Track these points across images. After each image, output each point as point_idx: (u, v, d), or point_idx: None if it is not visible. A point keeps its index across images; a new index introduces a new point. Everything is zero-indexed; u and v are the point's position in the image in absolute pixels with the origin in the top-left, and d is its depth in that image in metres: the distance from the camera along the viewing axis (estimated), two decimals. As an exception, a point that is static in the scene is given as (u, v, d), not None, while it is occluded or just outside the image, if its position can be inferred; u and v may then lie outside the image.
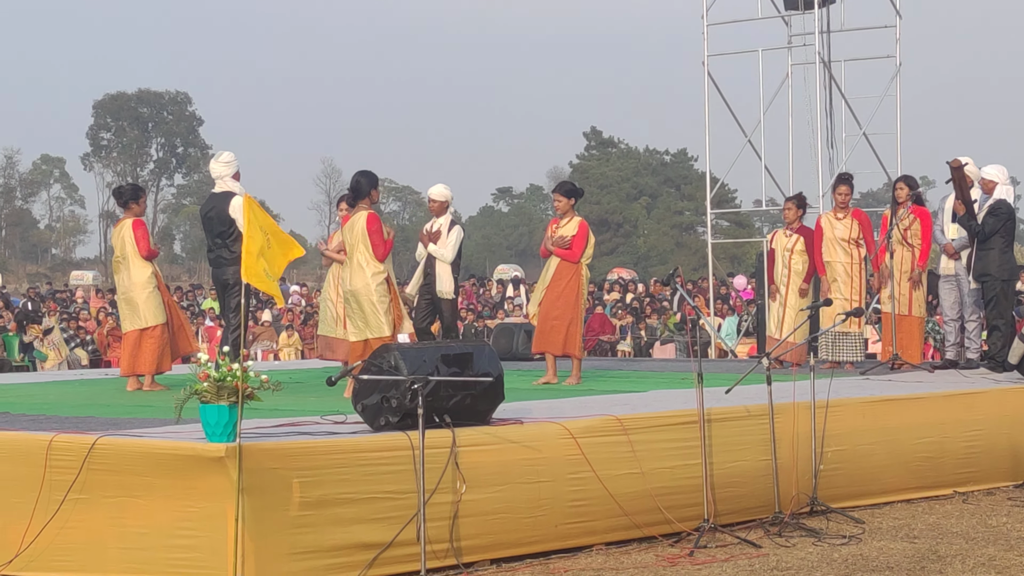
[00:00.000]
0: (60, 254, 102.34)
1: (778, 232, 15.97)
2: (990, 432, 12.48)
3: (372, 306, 12.73)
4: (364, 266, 12.80)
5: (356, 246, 12.86)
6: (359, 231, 12.82)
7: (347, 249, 12.98)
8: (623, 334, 30.58)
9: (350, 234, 12.90)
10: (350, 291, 12.86)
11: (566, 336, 14.08)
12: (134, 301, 14.06)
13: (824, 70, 21.95)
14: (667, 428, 10.27)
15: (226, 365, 8.28)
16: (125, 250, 14.12)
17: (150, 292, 14.05)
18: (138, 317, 14.03)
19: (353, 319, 12.91)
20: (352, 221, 12.93)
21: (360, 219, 12.89)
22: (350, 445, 8.78)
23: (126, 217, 14.38)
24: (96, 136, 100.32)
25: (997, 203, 14.32)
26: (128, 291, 14.11)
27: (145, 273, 14.08)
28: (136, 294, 14.04)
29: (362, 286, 12.77)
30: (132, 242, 14.07)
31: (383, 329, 12.73)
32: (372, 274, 12.76)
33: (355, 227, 12.86)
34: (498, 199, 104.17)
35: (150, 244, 14.17)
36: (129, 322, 14.14)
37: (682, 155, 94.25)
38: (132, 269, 14.08)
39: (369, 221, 12.87)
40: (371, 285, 12.73)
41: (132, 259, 14.08)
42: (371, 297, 12.71)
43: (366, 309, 12.73)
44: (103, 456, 8.65)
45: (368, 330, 12.73)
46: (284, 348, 30.67)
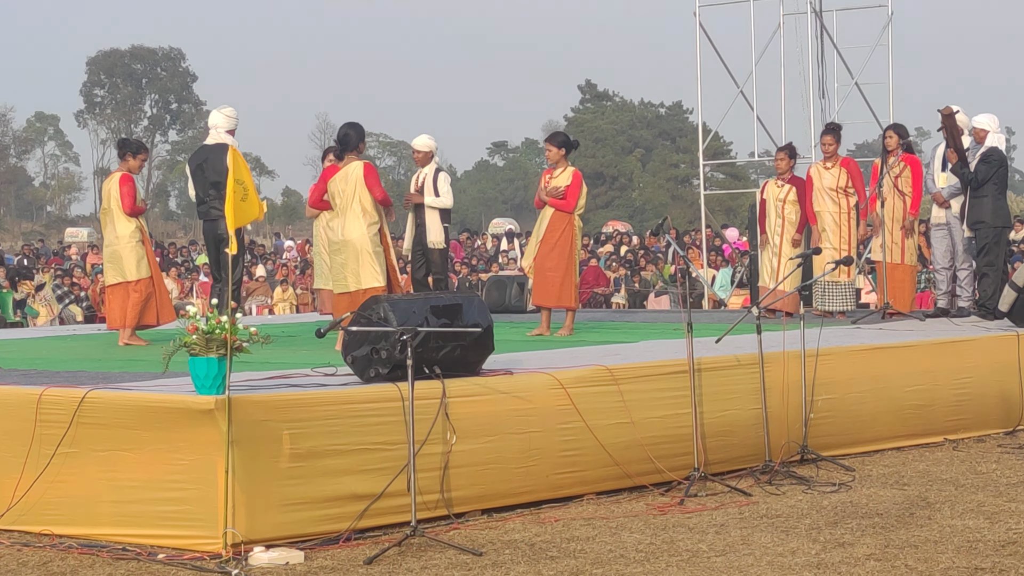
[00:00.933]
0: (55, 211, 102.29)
1: (769, 182, 15.94)
2: (980, 380, 12.51)
3: (368, 256, 12.70)
4: (360, 216, 12.76)
5: (351, 196, 12.81)
6: (354, 180, 12.77)
7: (339, 200, 12.92)
8: (617, 286, 30.59)
9: (344, 184, 12.84)
10: (343, 241, 12.80)
11: (561, 287, 14.06)
12: (118, 254, 14.07)
13: (816, 20, 21.91)
14: (657, 378, 10.28)
15: (215, 317, 8.28)
16: (111, 204, 14.13)
17: (133, 246, 14.05)
18: (121, 271, 14.04)
19: (343, 270, 12.85)
20: (345, 172, 12.87)
21: (356, 168, 12.82)
22: (340, 397, 8.79)
23: (118, 170, 14.38)
24: (90, 93, 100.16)
25: (989, 150, 14.30)
26: (112, 244, 14.12)
27: (129, 227, 14.08)
28: (120, 247, 14.05)
29: (358, 236, 12.72)
30: (117, 197, 14.08)
31: (378, 278, 12.69)
32: (368, 224, 12.73)
33: (349, 177, 12.81)
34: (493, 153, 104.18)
35: (135, 201, 14.15)
36: (112, 275, 14.14)
37: (677, 108, 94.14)
38: (116, 223, 14.09)
39: (367, 170, 12.82)
40: (367, 235, 12.71)
41: (116, 213, 14.09)
42: (367, 247, 12.68)
43: (361, 259, 12.69)
44: (93, 410, 8.65)
45: (361, 280, 12.70)
46: (279, 303, 30.70)
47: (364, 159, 13.04)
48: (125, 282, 14.04)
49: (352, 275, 12.77)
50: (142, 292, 14.04)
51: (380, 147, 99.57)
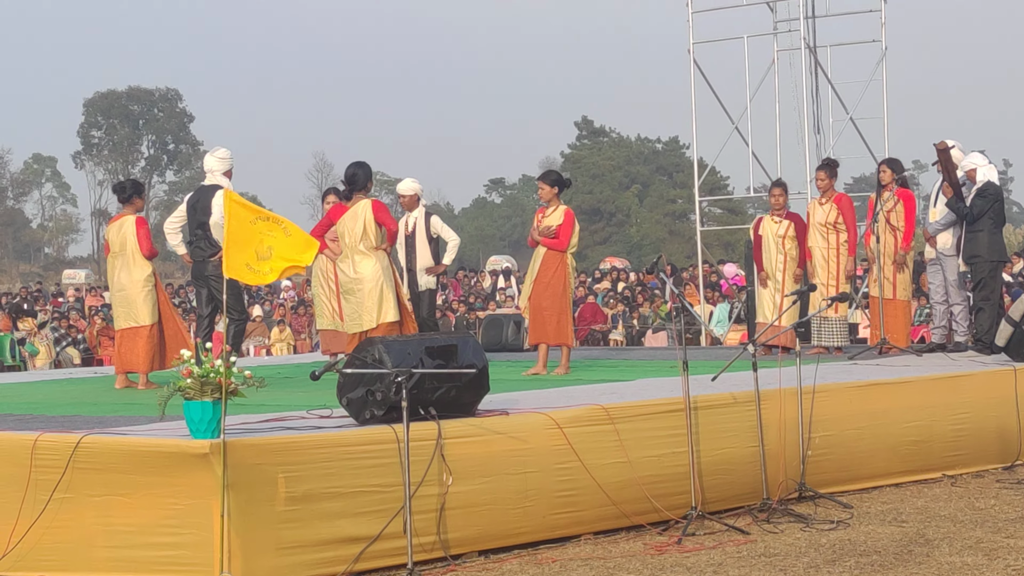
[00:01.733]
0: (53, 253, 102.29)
1: (764, 218, 15.93)
2: (978, 415, 12.49)
3: (383, 292, 12.73)
4: (370, 253, 12.80)
5: (361, 235, 12.84)
6: (363, 218, 12.81)
7: (348, 239, 12.93)
8: (615, 323, 30.59)
9: (352, 223, 12.87)
10: (355, 279, 12.82)
11: (557, 325, 14.08)
12: (131, 299, 14.01)
13: (810, 55, 21.97)
14: (653, 416, 10.26)
15: (208, 361, 8.27)
16: (125, 247, 14.06)
17: (148, 291, 14.03)
18: (133, 315, 13.99)
19: (359, 309, 12.86)
20: (354, 211, 12.90)
21: (364, 206, 12.87)
22: (335, 439, 8.77)
23: (126, 213, 14.31)
24: (87, 134, 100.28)
25: (985, 185, 14.35)
26: (125, 288, 14.06)
27: (145, 271, 14.05)
28: (134, 292, 14.00)
29: (370, 273, 12.77)
30: (134, 239, 14.02)
31: (391, 314, 12.72)
32: (379, 260, 12.78)
33: (358, 216, 12.85)
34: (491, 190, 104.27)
35: (152, 243, 14.15)
36: (124, 319, 14.08)
37: (674, 143, 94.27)
38: (132, 267, 14.03)
39: (375, 206, 12.87)
40: (379, 271, 12.74)
41: (133, 256, 14.03)
42: (381, 283, 12.72)
43: (375, 296, 12.72)
44: (88, 455, 8.63)
45: (378, 316, 12.73)
46: (276, 343, 30.69)
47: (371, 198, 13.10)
48: (135, 327, 14.00)
49: (368, 313, 12.81)
50: (153, 337, 14.01)
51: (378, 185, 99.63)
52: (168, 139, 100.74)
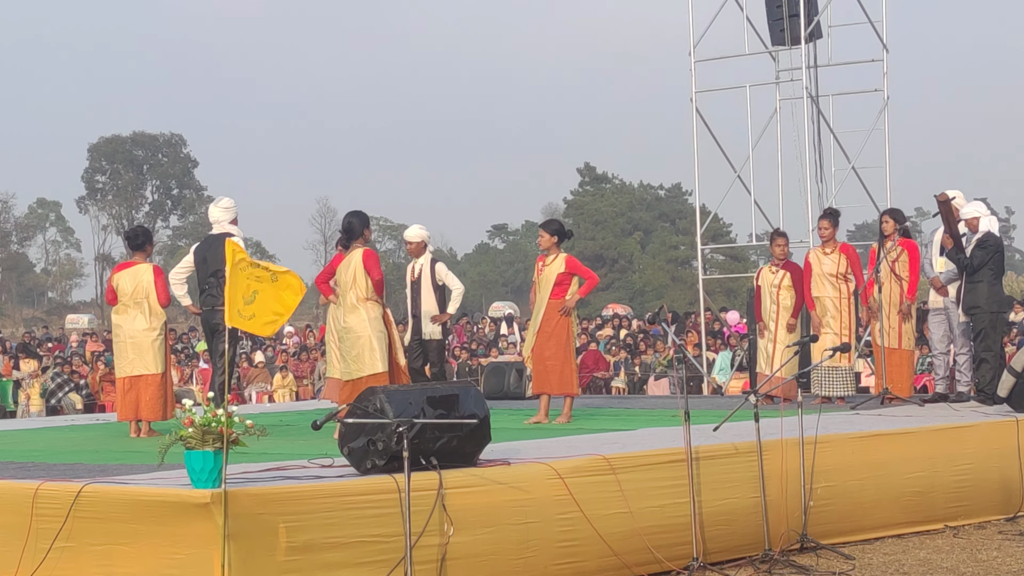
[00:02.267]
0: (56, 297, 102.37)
1: (764, 268, 15.97)
2: (980, 466, 12.46)
3: (368, 342, 12.77)
4: (359, 302, 12.86)
5: (349, 284, 12.91)
6: (353, 268, 12.88)
7: (341, 288, 13.02)
8: (617, 370, 30.55)
9: (344, 272, 12.95)
10: (344, 328, 12.90)
11: (560, 375, 14.10)
12: (142, 347, 14.00)
13: (812, 105, 22.02)
14: (655, 467, 10.25)
15: (211, 410, 8.28)
16: (141, 295, 14.04)
17: (161, 340, 14.06)
18: (143, 363, 13.97)
19: (346, 358, 12.92)
20: (348, 259, 12.98)
21: (356, 256, 12.95)
22: (336, 489, 8.76)
23: (139, 261, 14.32)
24: (91, 179, 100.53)
25: (985, 236, 14.37)
26: (137, 336, 14.03)
27: (160, 321, 14.07)
28: (147, 341, 13.99)
29: (357, 322, 12.82)
30: (152, 289, 14.02)
31: (377, 365, 12.76)
32: (368, 310, 12.81)
33: (351, 264, 12.92)
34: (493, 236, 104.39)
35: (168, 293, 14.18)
36: (131, 366, 14.04)
37: (676, 189, 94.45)
38: (148, 315, 14.02)
39: (366, 256, 12.93)
40: (367, 321, 12.78)
41: (151, 305, 14.02)
42: (368, 333, 12.75)
43: (361, 345, 12.76)
44: (89, 504, 8.63)
45: (363, 367, 12.77)
46: (279, 389, 30.64)
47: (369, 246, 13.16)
48: (146, 375, 13.99)
49: (355, 361, 12.85)
50: (161, 386, 14.01)
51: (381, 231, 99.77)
52: (172, 184, 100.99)
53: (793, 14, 21.54)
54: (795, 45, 21.78)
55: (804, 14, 21.42)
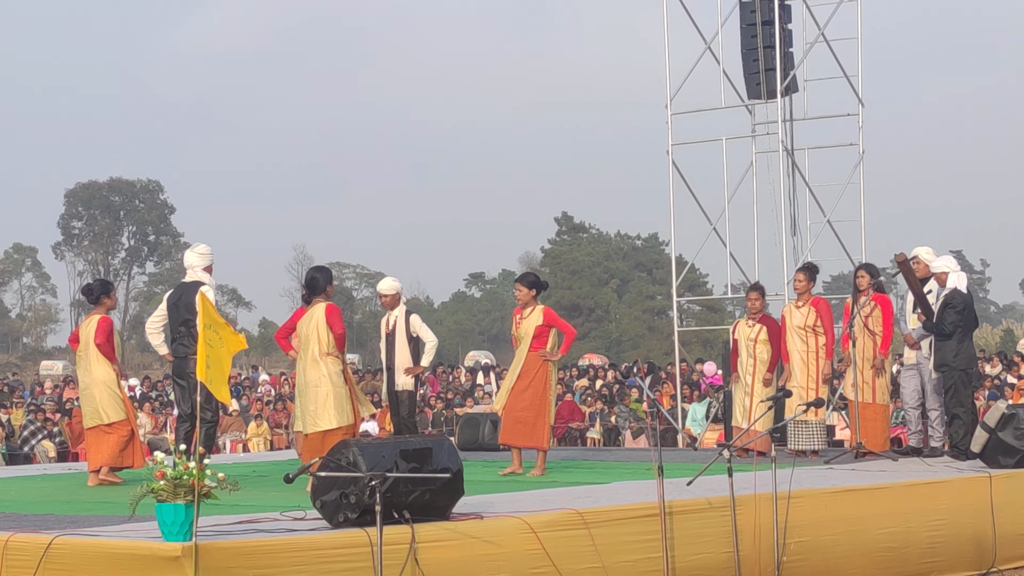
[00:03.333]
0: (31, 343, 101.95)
1: (740, 322, 16.03)
2: (953, 521, 12.47)
3: (327, 398, 12.77)
4: (319, 359, 12.87)
5: (311, 338, 12.92)
6: (315, 322, 12.88)
7: (302, 342, 13.02)
8: (592, 421, 30.52)
9: (306, 326, 12.97)
10: (304, 383, 12.92)
11: (533, 427, 14.09)
12: (94, 397, 14.08)
13: (787, 158, 22.09)
14: (628, 522, 10.24)
15: (182, 463, 8.25)
16: (88, 346, 14.16)
17: (112, 390, 14.07)
18: (99, 413, 14.04)
19: (304, 412, 12.93)
20: (309, 313, 13.00)
21: (318, 310, 12.96)
22: (308, 543, 8.74)
23: (99, 312, 14.38)
24: (67, 225, 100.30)
25: (951, 294, 14.42)
26: (89, 387, 14.14)
27: (105, 370, 14.08)
28: (97, 391, 14.06)
29: (315, 377, 12.84)
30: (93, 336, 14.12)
31: (332, 421, 12.75)
32: (328, 365, 12.81)
33: (312, 319, 12.93)
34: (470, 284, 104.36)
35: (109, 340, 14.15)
36: (91, 418, 14.17)
37: (653, 239, 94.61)
38: (93, 366, 14.10)
39: (328, 311, 12.94)
40: (327, 376, 12.79)
41: (96, 356, 14.10)
42: (327, 388, 12.76)
43: (320, 400, 12.77)
44: (59, 556, 8.59)
45: (318, 422, 12.77)
46: (253, 438, 30.54)
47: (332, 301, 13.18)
48: (103, 424, 14.04)
49: (312, 416, 12.84)
50: (118, 432, 14.03)
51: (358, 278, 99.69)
52: (149, 230, 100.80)
53: (769, 68, 21.63)
54: (771, 99, 21.85)
55: (780, 68, 21.52)
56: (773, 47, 21.48)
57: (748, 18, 21.85)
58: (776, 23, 21.39)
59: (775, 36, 21.44)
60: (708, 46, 22.63)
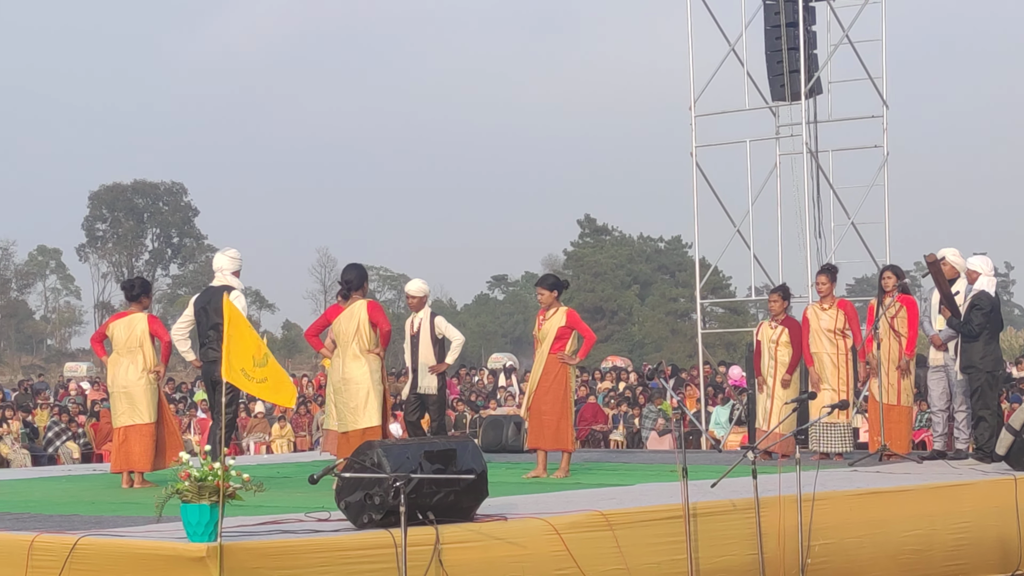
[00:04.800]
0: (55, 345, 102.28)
1: (763, 324, 16.01)
2: (978, 524, 12.43)
3: (367, 395, 12.76)
4: (361, 355, 12.86)
5: (351, 335, 12.90)
6: (357, 319, 12.87)
7: (341, 339, 13.02)
8: (615, 423, 30.48)
9: (346, 323, 12.95)
10: (343, 380, 12.89)
11: (556, 430, 14.08)
12: (134, 396, 14.00)
13: (811, 160, 22.07)
14: (652, 523, 10.23)
15: (208, 464, 8.27)
16: (133, 344, 14.04)
17: (152, 389, 14.05)
18: (136, 412, 13.97)
19: (343, 410, 12.91)
20: (350, 311, 12.99)
21: (360, 307, 12.94)
22: (332, 543, 8.75)
23: (136, 311, 14.33)
24: (92, 227, 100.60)
25: (978, 295, 14.37)
26: (129, 385, 14.04)
27: (152, 369, 14.05)
28: (138, 390, 13.98)
29: (359, 375, 12.81)
30: (147, 338, 14.03)
31: (373, 418, 12.76)
32: (369, 362, 12.81)
33: (353, 316, 12.91)
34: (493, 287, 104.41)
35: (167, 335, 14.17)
36: (125, 417, 14.05)
37: (676, 242, 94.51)
38: (139, 364, 14.02)
39: (371, 308, 12.92)
40: (368, 374, 12.78)
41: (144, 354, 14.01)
42: (368, 386, 12.75)
43: (360, 397, 12.75)
44: (85, 556, 8.61)
45: (359, 420, 12.77)
46: (277, 439, 30.58)
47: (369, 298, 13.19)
48: (138, 424, 13.98)
49: (352, 414, 12.84)
50: (152, 436, 13.99)
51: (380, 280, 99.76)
52: (172, 232, 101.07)
53: (794, 70, 21.62)
54: (795, 101, 21.85)
55: (805, 70, 21.50)
56: (797, 49, 21.47)
57: (772, 20, 21.84)
58: (800, 25, 21.37)
59: (799, 38, 21.43)
60: (732, 48, 22.63)
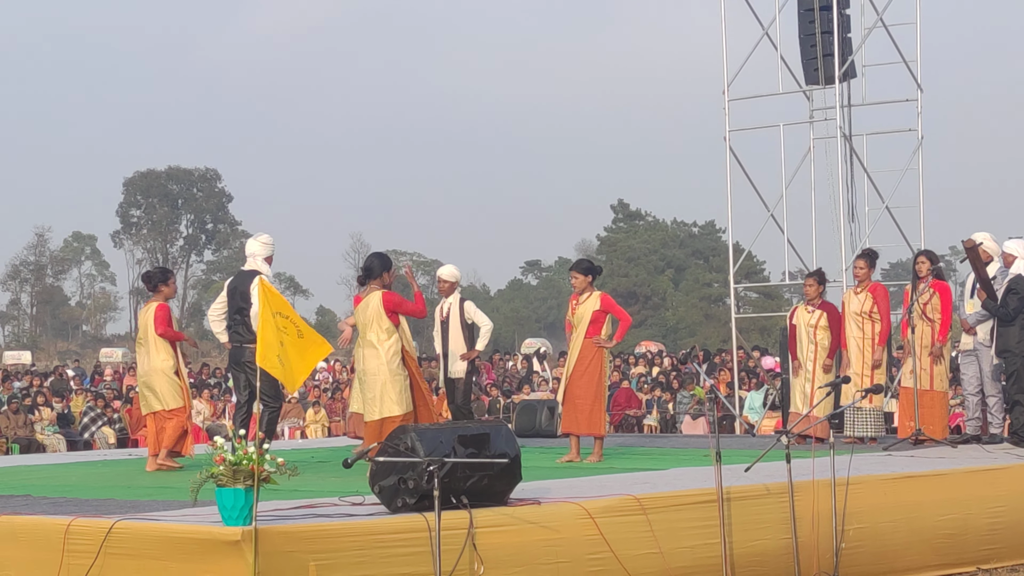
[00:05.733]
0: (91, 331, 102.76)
1: (799, 308, 15.97)
2: (1013, 508, 12.38)
3: (387, 385, 12.81)
4: (377, 346, 12.90)
5: (369, 325, 12.95)
6: (373, 310, 12.91)
7: (360, 329, 13.07)
8: (649, 408, 30.49)
9: (363, 314, 13.00)
10: (363, 370, 12.96)
11: (589, 415, 14.08)
12: (153, 385, 14.18)
13: (846, 144, 21.98)
14: (686, 508, 10.23)
15: (242, 448, 8.30)
16: (147, 334, 14.24)
17: (170, 377, 14.16)
18: (159, 400, 14.15)
19: (365, 398, 12.99)
20: (366, 301, 13.03)
21: (375, 298, 12.98)
22: (367, 527, 8.77)
23: (154, 300, 14.48)
24: (126, 213, 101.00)
25: (1015, 279, 14.32)
26: (147, 375, 14.24)
27: (164, 358, 14.15)
28: (155, 379, 14.15)
29: (375, 365, 12.88)
30: (153, 325, 14.19)
31: (393, 409, 12.80)
32: (386, 351, 12.85)
33: (369, 306, 12.96)
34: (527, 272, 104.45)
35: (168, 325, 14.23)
36: (147, 405, 14.28)
37: (710, 227, 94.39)
38: (153, 354, 14.18)
39: (384, 298, 12.96)
40: (384, 363, 12.82)
41: (154, 343, 14.18)
42: (386, 376, 12.80)
43: (380, 388, 12.81)
44: (120, 540, 8.66)
45: (381, 410, 12.82)
46: (311, 424, 30.69)
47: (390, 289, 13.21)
48: (161, 411, 14.14)
49: (372, 403, 12.90)
50: (178, 419, 14.13)
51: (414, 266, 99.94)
52: (207, 218, 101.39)
53: (827, 53, 21.53)
54: (829, 84, 21.75)
55: (838, 54, 21.41)
56: (831, 32, 21.38)
57: (806, 3, 21.74)
58: (834, 8, 21.27)
59: (833, 21, 21.33)
60: (765, 32, 22.54)
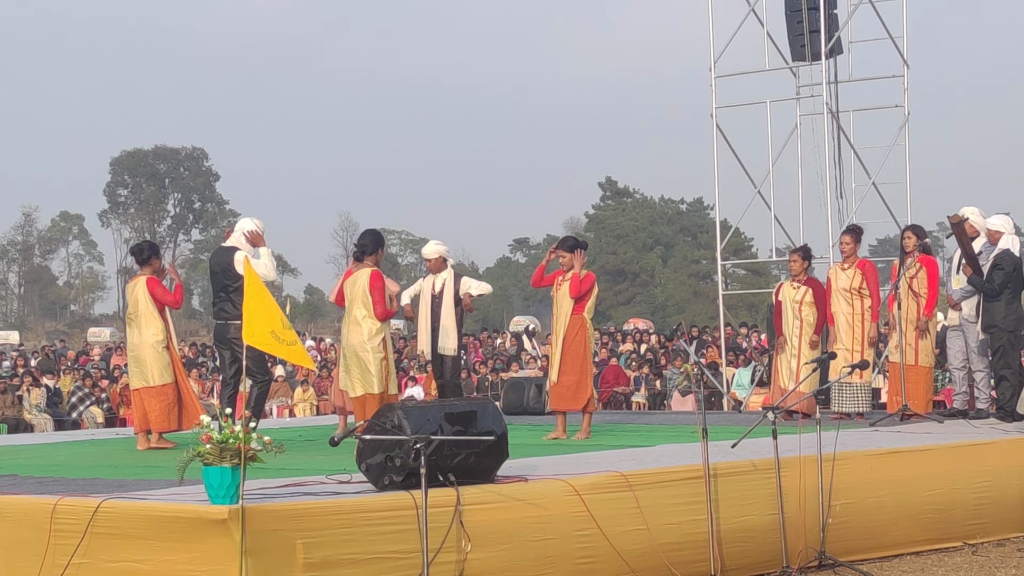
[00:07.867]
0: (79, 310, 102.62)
1: (784, 284, 15.99)
2: (1000, 483, 12.42)
3: (365, 363, 12.88)
4: (361, 322, 12.97)
5: (355, 301, 13.01)
6: (360, 287, 12.96)
7: (346, 303, 13.13)
8: (637, 385, 30.53)
9: (351, 289, 13.06)
10: (346, 345, 13.02)
11: (576, 391, 14.07)
12: (143, 359, 14.14)
13: (832, 120, 21.99)
14: (672, 484, 10.24)
15: (228, 427, 8.29)
16: (138, 308, 14.19)
17: (159, 352, 14.12)
18: (146, 375, 14.10)
19: (348, 374, 13.07)
20: (355, 276, 13.08)
21: (363, 275, 13.04)
22: (353, 505, 8.77)
23: (142, 274, 14.44)
24: (113, 193, 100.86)
25: (1001, 254, 14.34)
26: (137, 348, 14.20)
27: (155, 332, 14.12)
28: (145, 353, 14.12)
29: (358, 342, 12.94)
30: (146, 300, 14.14)
31: (373, 386, 12.90)
32: (368, 330, 12.90)
33: (357, 283, 13.01)
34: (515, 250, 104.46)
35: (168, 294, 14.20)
36: (137, 380, 14.22)
37: (698, 204, 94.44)
38: (144, 328, 14.14)
39: (372, 278, 12.99)
40: (366, 342, 12.88)
41: (144, 317, 14.14)
42: (367, 354, 12.86)
43: (360, 366, 12.89)
44: (107, 519, 8.64)
45: (361, 386, 12.92)
46: (299, 403, 30.70)
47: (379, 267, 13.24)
48: (149, 387, 14.10)
49: (354, 380, 12.98)
50: (166, 396, 14.08)
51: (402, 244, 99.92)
52: (194, 198, 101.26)
53: (814, 30, 21.53)
54: (815, 61, 21.77)
55: (825, 30, 21.41)
56: (817, 8, 21.40)
57: (792, -21, 21.73)
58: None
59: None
60: (752, 8, 22.54)
